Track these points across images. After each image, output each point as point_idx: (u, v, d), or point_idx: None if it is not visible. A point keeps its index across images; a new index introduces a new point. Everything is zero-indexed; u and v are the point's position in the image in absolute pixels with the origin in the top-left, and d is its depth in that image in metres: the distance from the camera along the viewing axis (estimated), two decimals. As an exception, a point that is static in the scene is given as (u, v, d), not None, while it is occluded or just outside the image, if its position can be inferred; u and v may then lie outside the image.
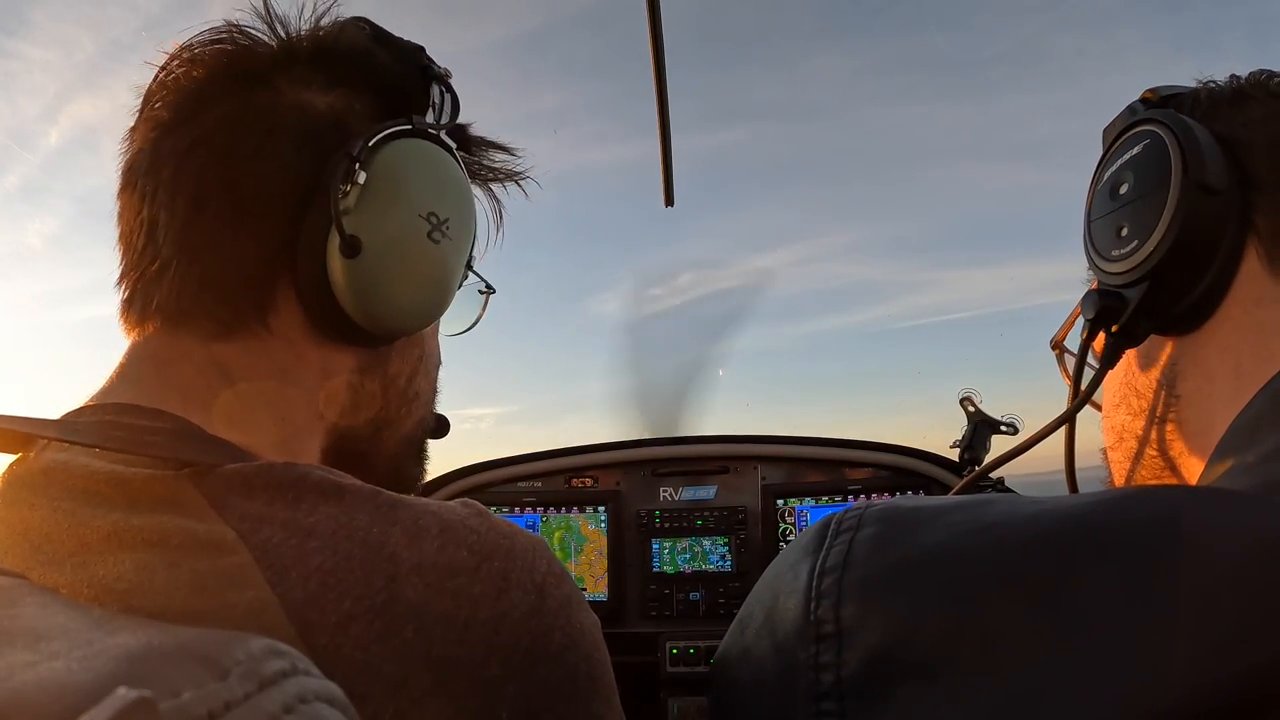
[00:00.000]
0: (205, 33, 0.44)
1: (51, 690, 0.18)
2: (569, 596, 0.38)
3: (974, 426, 1.45)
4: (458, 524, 0.36)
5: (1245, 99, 0.42)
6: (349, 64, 0.45)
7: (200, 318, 0.41)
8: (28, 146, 2.27)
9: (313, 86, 0.43)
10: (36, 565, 0.32)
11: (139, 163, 0.42)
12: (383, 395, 0.48)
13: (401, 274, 0.44)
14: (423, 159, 0.45)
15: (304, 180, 0.42)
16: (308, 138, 0.42)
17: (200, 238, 0.41)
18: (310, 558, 0.32)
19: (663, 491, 1.64)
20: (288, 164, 0.41)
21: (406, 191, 0.44)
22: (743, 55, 3.29)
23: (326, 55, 0.44)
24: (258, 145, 0.41)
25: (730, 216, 5.46)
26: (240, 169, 0.41)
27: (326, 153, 0.42)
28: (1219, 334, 0.41)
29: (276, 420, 0.43)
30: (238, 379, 0.42)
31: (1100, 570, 0.25)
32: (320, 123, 0.43)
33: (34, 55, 2.20)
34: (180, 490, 0.33)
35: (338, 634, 0.31)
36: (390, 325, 0.45)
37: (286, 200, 0.41)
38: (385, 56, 0.46)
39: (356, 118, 0.44)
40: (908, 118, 4.79)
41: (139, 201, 0.42)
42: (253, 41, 0.44)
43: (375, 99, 0.45)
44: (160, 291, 0.41)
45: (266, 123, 0.41)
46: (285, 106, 0.42)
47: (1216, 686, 0.22)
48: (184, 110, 0.42)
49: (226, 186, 0.41)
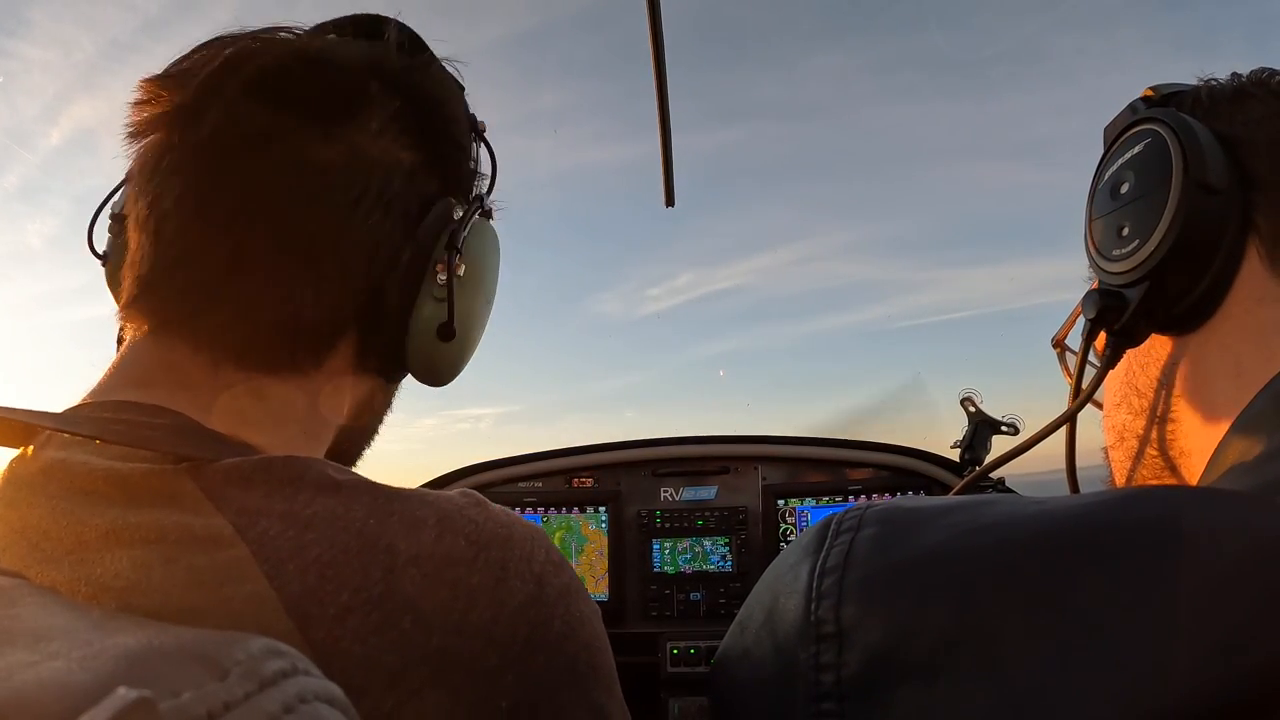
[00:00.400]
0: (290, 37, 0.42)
1: (51, 690, 0.18)
2: (568, 585, 0.38)
3: (974, 426, 1.45)
4: (455, 514, 0.36)
5: (1246, 97, 0.42)
6: (433, 122, 0.45)
7: (259, 352, 0.41)
8: (27, 146, 2.28)
9: (400, 137, 0.43)
10: (35, 564, 0.33)
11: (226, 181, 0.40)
12: (381, 410, 0.52)
13: (468, 350, 0.49)
14: (494, 247, 0.50)
15: (394, 245, 0.43)
16: (399, 202, 0.43)
17: (295, 284, 0.40)
18: (308, 550, 0.32)
19: (663, 492, 1.64)
20: (384, 228, 0.42)
21: (486, 281, 0.49)
22: (742, 54, 3.29)
23: (418, 104, 0.44)
24: (360, 199, 0.41)
25: (730, 216, 5.47)
26: (346, 223, 0.41)
27: (409, 215, 0.43)
28: (1220, 333, 0.41)
29: (299, 433, 0.43)
30: (270, 400, 0.42)
31: (1100, 570, 0.25)
32: (405, 184, 0.43)
33: (33, 55, 2.20)
34: (178, 485, 0.33)
35: (336, 626, 0.31)
36: (440, 382, 0.49)
37: (371, 260, 0.42)
38: (457, 120, 0.47)
39: (429, 178, 0.45)
40: (907, 117, 4.80)
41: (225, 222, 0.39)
42: (349, 64, 0.42)
43: (442, 159, 0.46)
44: (220, 315, 0.40)
45: (367, 175, 0.41)
46: (385, 164, 0.42)
47: (1217, 687, 0.22)
48: (289, 142, 0.40)
49: (330, 238, 0.41)
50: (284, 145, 0.40)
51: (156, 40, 1.80)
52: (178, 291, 0.40)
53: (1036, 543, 0.27)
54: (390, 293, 0.43)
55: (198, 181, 0.40)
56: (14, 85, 2.24)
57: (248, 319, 0.40)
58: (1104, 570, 0.25)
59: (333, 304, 0.41)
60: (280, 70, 0.40)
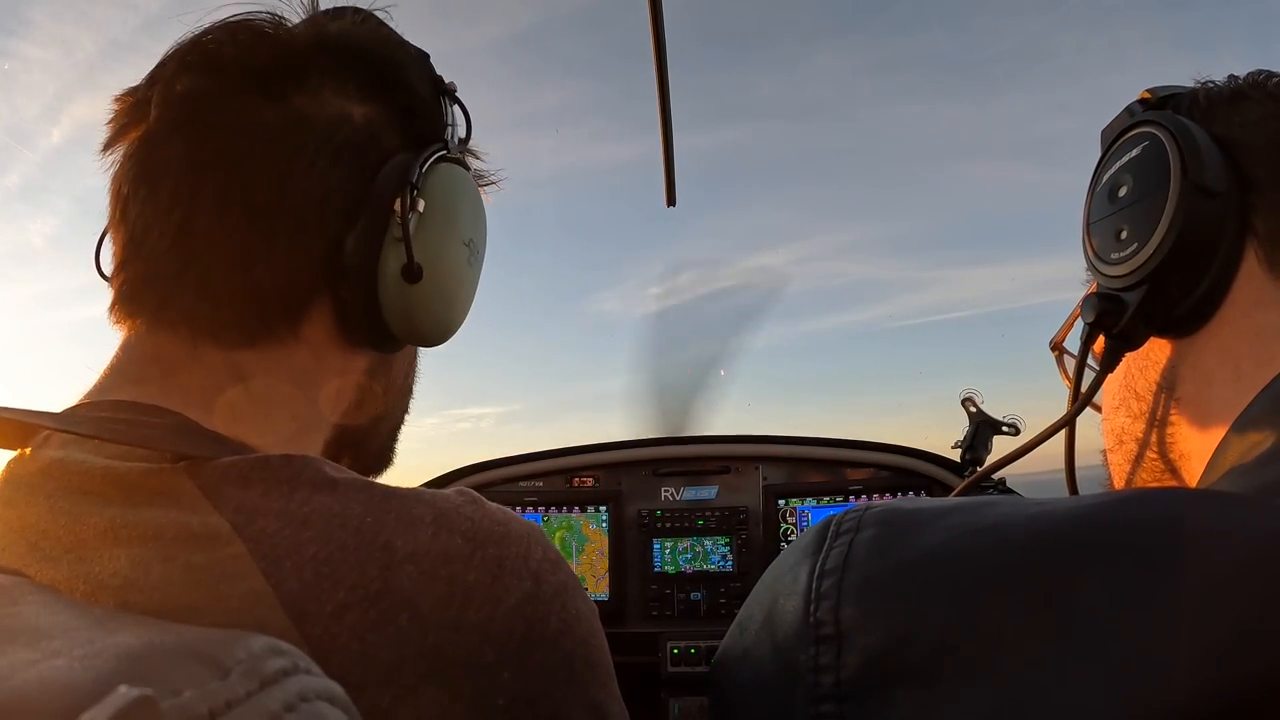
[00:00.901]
0: (240, 16, 0.42)
1: (53, 689, 0.19)
2: (565, 582, 0.38)
3: (975, 427, 1.45)
4: (452, 511, 0.36)
5: (1243, 99, 0.42)
6: (384, 75, 0.45)
7: (229, 327, 0.40)
8: (28, 146, 2.28)
9: (350, 95, 0.43)
10: (34, 562, 0.33)
11: (166, 155, 0.40)
12: (385, 394, 0.50)
13: (447, 296, 0.46)
14: (461, 186, 0.47)
15: (348, 198, 0.42)
16: (349, 152, 0.42)
17: (249, 251, 0.40)
18: (305, 547, 0.32)
19: (664, 491, 1.64)
20: (334, 180, 0.41)
21: (454, 220, 0.46)
22: (743, 54, 3.29)
23: (364, 63, 0.44)
24: (308, 160, 0.41)
25: (731, 215, 5.47)
26: (292, 185, 0.40)
27: (364, 170, 0.42)
28: (1218, 337, 0.41)
29: (288, 419, 0.43)
30: (254, 381, 0.41)
31: (1100, 572, 0.25)
32: (359, 137, 0.43)
33: (33, 55, 2.20)
34: (175, 483, 0.34)
35: (333, 623, 0.31)
36: (424, 340, 0.47)
37: (333, 218, 0.42)
38: (414, 70, 0.46)
39: (388, 133, 0.44)
40: (908, 116, 4.79)
41: (169, 201, 0.40)
42: (295, 37, 0.43)
43: (401, 113, 0.45)
44: (184, 296, 0.40)
45: (315, 135, 0.41)
46: (329, 118, 0.42)
47: (1217, 688, 0.22)
48: (231, 110, 0.40)
49: (279, 202, 0.40)
50: (219, 112, 0.40)
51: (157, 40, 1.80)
52: (144, 275, 0.41)
53: (1036, 544, 0.27)
54: (351, 245, 0.42)
55: (146, 162, 0.40)
56: (14, 85, 2.24)
57: (208, 292, 0.40)
58: (1104, 571, 0.25)
59: (289, 265, 0.41)
60: (216, 44, 0.41)
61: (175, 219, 0.40)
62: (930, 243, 6.79)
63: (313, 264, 0.42)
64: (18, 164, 2.19)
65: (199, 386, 0.40)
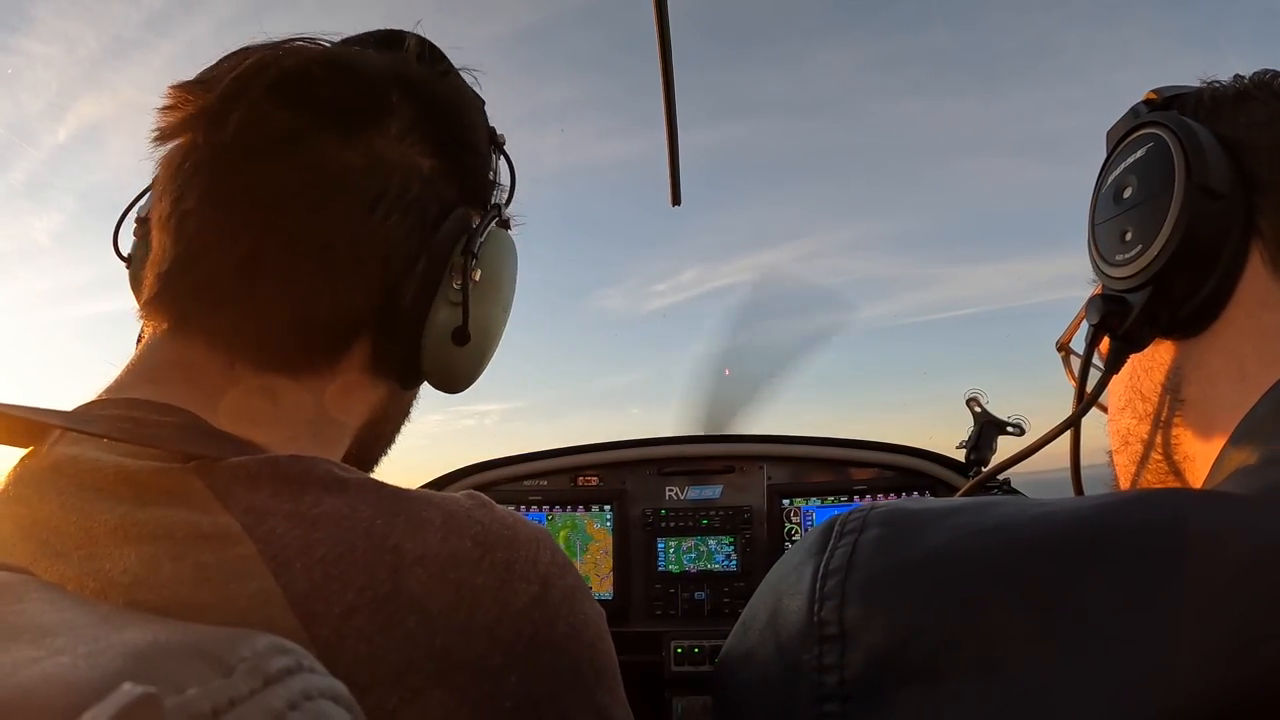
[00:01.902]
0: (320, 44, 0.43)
1: (57, 686, 0.19)
2: (573, 587, 0.38)
3: (980, 427, 1.44)
4: (461, 515, 0.36)
5: (1248, 99, 0.42)
6: (453, 128, 0.46)
7: (273, 353, 0.41)
8: (32, 143, 2.28)
9: (419, 144, 0.44)
10: (44, 558, 0.33)
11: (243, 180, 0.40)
12: (397, 417, 0.52)
13: (484, 356, 0.50)
14: (510, 255, 0.50)
15: (410, 247, 0.43)
16: (418, 205, 0.43)
17: (311, 286, 0.41)
18: (314, 549, 0.32)
19: (668, 491, 1.64)
20: (401, 231, 0.43)
21: (505, 289, 0.50)
22: (748, 50, 3.27)
23: (437, 113, 0.45)
24: (379, 205, 0.41)
25: (735, 211, 5.44)
26: (363, 226, 0.41)
27: (426, 221, 0.44)
28: (1223, 338, 0.41)
29: (310, 436, 0.43)
30: (282, 400, 0.42)
31: (1104, 572, 0.25)
32: (426, 190, 0.44)
33: (37, 51, 2.21)
34: (186, 483, 0.34)
35: (341, 625, 0.31)
36: (454, 389, 0.50)
37: (391, 264, 0.43)
38: (482, 126, 0.48)
39: (448, 186, 0.46)
40: (914, 112, 4.76)
41: (241, 221, 0.40)
42: (375, 72, 0.43)
43: (462, 167, 0.47)
44: (236, 317, 0.40)
45: (386, 182, 0.42)
46: (400, 165, 0.43)
47: (1221, 688, 0.22)
48: (310, 148, 0.41)
49: (349, 241, 0.41)
50: (304, 147, 0.40)
51: (161, 35, 1.80)
52: (195, 288, 0.41)
53: (1040, 544, 0.27)
54: (405, 296, 0.43)
55: (219, 180, 0.40)
56: (18, 81, 2.25)
57: (262, 318, 0.40)
58: (1108, 572, 0.25)
59: (347, 305, 0.42)
60: (303, 74, 0.41)
61: (243, 247, 0.40)
62: (936, 239, 6.76)
63: (366, 307, 0.43)
64: (22, 160, 2.20)
65: (221, 393, 0.40)
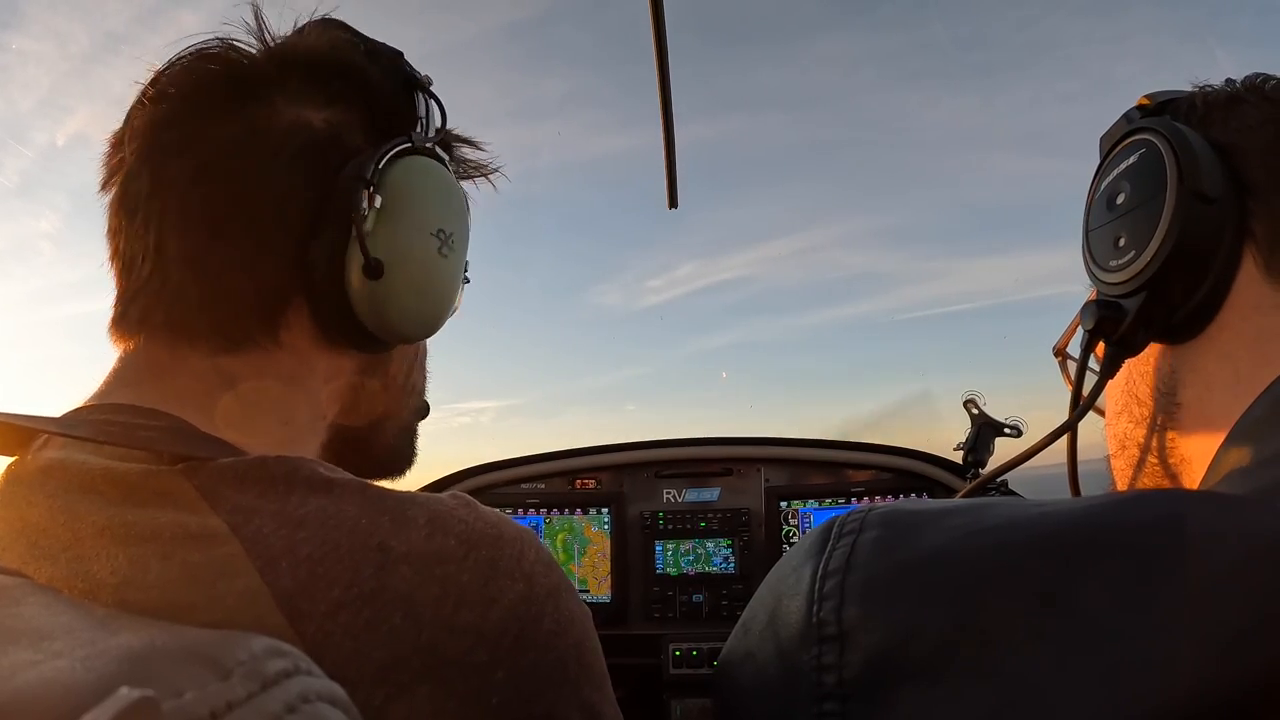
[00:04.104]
0: (194, 47, 0.44)
1: (54, 690, 0.19)
2: (557, 585, 0.38)
3: (977, 429, 1.44)
4: (445, 514, 0.37)
5: (1240, 104, 0.42)
6: (342, 79, 0.45)
7: (208, 335, 0.41)
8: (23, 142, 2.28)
9: (308, 103, 0.43)
10: (33, 561, 0.33)
11: (138, 187, 0.42)
12: (384, 392, 0.51)
13: (418, 289, 0.46)
14: (427, 176, 0.47)
15: (311, 200, 0.42)
16: (310, 157, 0.42)
17: (214, 262, 0.41)
18: (300, 547, 0.32)
19: (666, 493, 1.64)
20: (294, 185, 0.42)
21: (418, 211, 0.46)
22: (744, 42, 3.27)
23: (319, 70, 0.44)
24: (264, 168, 0.41)
25: (732, 206, 5.45)
26: (251, 194, 0.41)
27: (328, 171, 0.43)
28: (1218, 341, 0.41)
29: (280, 423, 0.44)
30: (242, 386, 0.42)
31: (1101, 572, 0.25)
32: (319, 140, 0.43)
33: (28, 48, 2.20)
34: (173, 484, 0.34)
35: (327, 622, 0.31)
36: (404, 335, 0.47)
37: (296, 222, 0.42)
38: (375, 69, 0.47)
39: (352, 133, 0.44)
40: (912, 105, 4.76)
41: (143, 227, 0.41)
42: (245, 56, 0.44)
43: (366, 112, 0.46)
44: (162, 308, 0.41)
45: (270, 144, 0.42)
46: (286, 126, 0.42)
47: (1218, 687, 0.22)
48: (185, 133, 0.42)
49: (238, 212, 0.41)
50: (176, 136, 0.42)
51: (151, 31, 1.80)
52: (131, 298, 0.42)
53: (1038, 544, 0.27)
54: (316, 247, 0.42)
55: (126, 198, 0.43)
56: (9, 79, 2.24)
57: (182, 303, 0.41)
58: (1105, 572, 0.25)
59: (259, 269, 0.42)
60: (170, 76, 0.43)
61: (151, 241, 0.41)
62: (934, 234, 6.77)
63: (283, 270, 0.42)
64: (13, 160, 2.19)
65: (190, 390, 0.41)
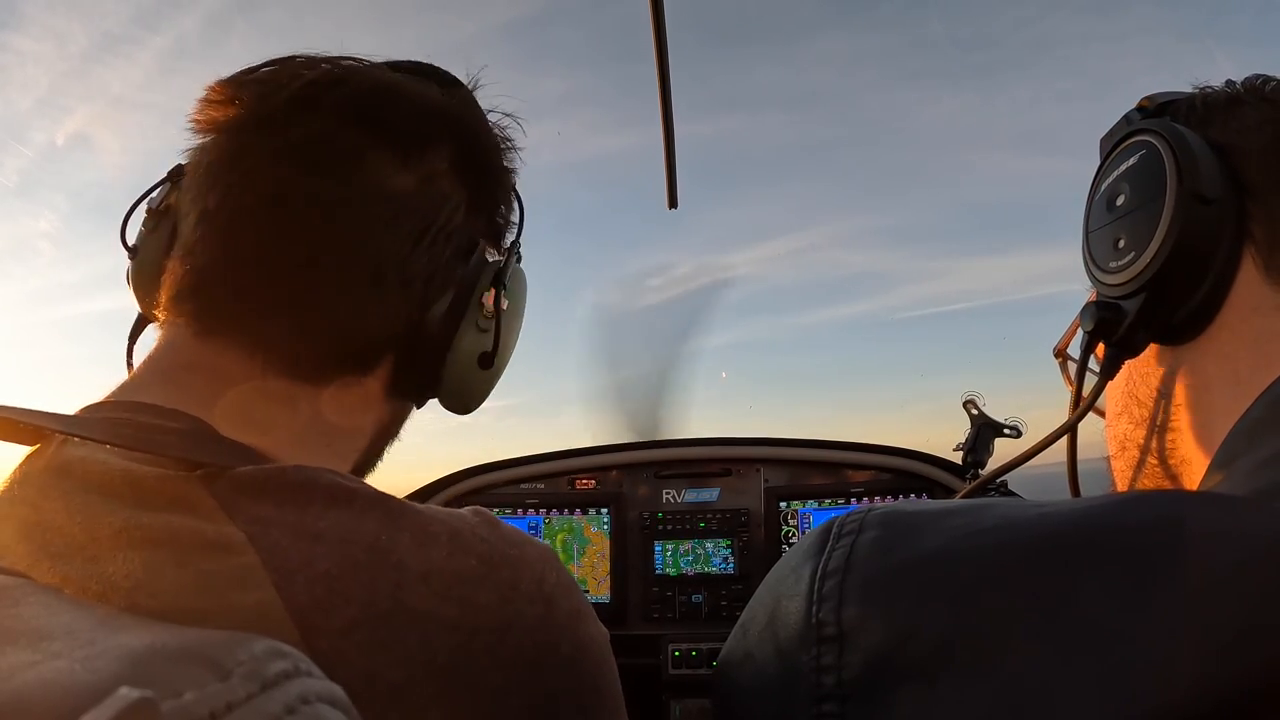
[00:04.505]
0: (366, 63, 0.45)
1: (54, 690, 0.19)
2: (578, 609, 0.38)
3: (977, 429, 1.44)
4: (467, 532, 0.36)
5: (1240, 105, 0.42)
6: (487, 168, 0.49)
7: (308, 366, 0.42)
8: (22, 141, 2.27)
9: (460, 179, 0.46)
10: (44, 560, 0.32)
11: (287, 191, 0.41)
12: (396, 432, 0.53)
13: (497, 380, 0.51)
14: (524, 288, 0.53)
15: (441, 274, 0.45)
16: (453, 232, 0.46)
17: (358, 306, 0.42)
18: (317, 562, 0.32)
19: (665, 494, 1.64)
20: (440, 258, 0.45)
21: (520, 318, 0.52)
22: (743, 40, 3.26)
23: (479, 153, 0.48)
24: (421, 228, 0.43)
25: (731, 205, 5.45)
26: (413, 256, 0.43)
27: (459, 251, 0.46)
28: (1217, 343, 0.41)
29: (324, 447, 0.44)
30: (301, 407, 0.42)
31: (1100, 572, 0.25)
32: (461, 222, 0.46)
33: (27, 48, 2.19)
34: (191, 491, 0.33)
35: (341, 639, 0.31)
36: (465, 409, 0.51)
37: (427, 288, 0.45)
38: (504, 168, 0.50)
39: (477, 221, 0.48)
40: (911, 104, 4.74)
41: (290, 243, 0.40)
42: (426, 99, 0.45)
43: (490, 205, 0.50)
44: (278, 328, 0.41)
45: (429, 205, 0.44)
46: (448, 195, 0.45)
47: (1216, 687, 0.22)
48: (368, 168, 0.42)
49: (398, 269, 0.43)
50: (366, 166, 0.42)
51: (150, 31, 1.80)
52: (240, 289, 0.41)
53: (1037, 545, 0.27)
54: (435, 320, 0.45)
55: (280, 186, 0.41)
56: (9, 79, 2.24)
57: (308, 329, 0.41)
58: (1104, 572, 0.25)
59: (388, 324, 0.44)
60: (367, 96, 0.43)
61: (300, 254, 0.41)
62: (932, 233, 6.75)
63: (396, 324, 0.44)
64: (13, 159, 2.18)
65: (241, 400, 0.40)
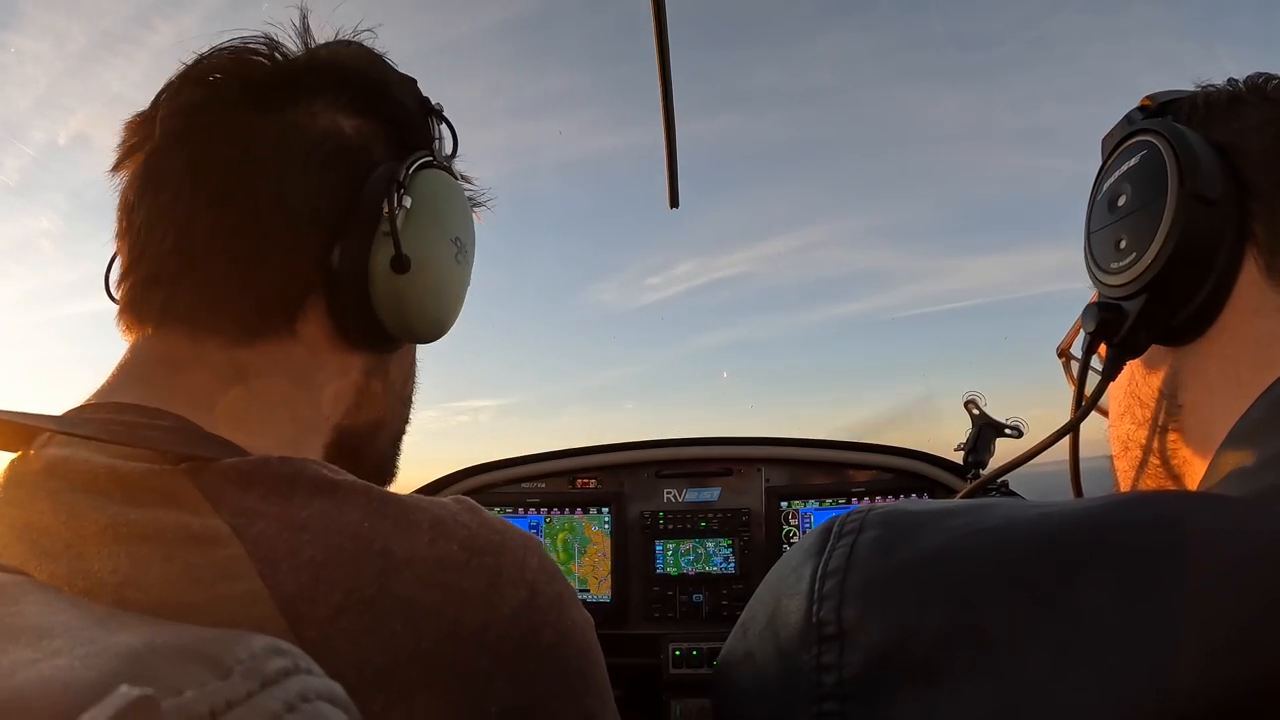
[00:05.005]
0: (239, 40, 0.45)
1: (54, 688, 0.19)
2: (560, 593, 0.38)
3: (978, 429, 1.44)
4: (449, 519, 0.37)
5: (1242, 104, 0.42)
6: (371, 93, 0.48)
7: (229, 323, 0.42)
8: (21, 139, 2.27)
9: (341, 111, 0.46)
10: (34, 558, 0.33)
11: (171, 164, 0.43)
12: (384, 395, 0.51)
13: (435, 291, 0.48)
14: (449, 188, 0.50)
15: (340, 201, 0.44)
16: (342, 160, 0.45)
17: (246, 248, 0.42)
18: (302, 551, 0.32)
19: (666, 493, 1.64)
20: (326, 185, 0.44)
21: (441, 218, 0.49)
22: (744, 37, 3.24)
23: (353, 82, 0.47)
24: (303, 165, 0.43)
25: (731, 203, 5.43)
26: (288, 188, 0.43)
27: (356, 176, 0.45)
28: (1219, 344, 0.41)
29: (288, 419, 0.44)
30: (254, 381, 0.42)
31: (1100, 573, 0.25)
32: (351, 147, 0.46)
33: (25, 47, 2.20)
34: (177, 485, 0.34)
35: (327, 626, 0.31)
36: (417, 334, 0.49)
37: (326, 219, 0.44)
38: (397, 89, 0.50)
39: (377, 145, 0.47)
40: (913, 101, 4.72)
41: (171, 201, 0.42)
42: (287, 59, 0.46)
43: (390, 127, 0.48)
44: (186, 295, 0.42)
45: (308, 144, 0.44)
46: (322, 129, 0.45)
47: (1217, 687, 0.22)
48: (230, 118, 0.43)
49: (276, 204, 0.42)
50: (219, 122, 0.43)
51: (149, 29, 1.81)
52: (148, 282, 0.42)
53: (1037, 545, 0.27)
54: (343, 245, 0.44)
55: (152, 174, 0.43)
56: (7, 78, 2.24)
57: (209, 291, 0.42)
58: (1104, 572, 0.25)
59: (287, 263, 0.43)
60: (218, 62, 0.45)
61: (177, 220, 0.42)
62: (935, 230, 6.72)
63: (308, 263, 0.44)
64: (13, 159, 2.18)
65: (202, 387, 0.41)
